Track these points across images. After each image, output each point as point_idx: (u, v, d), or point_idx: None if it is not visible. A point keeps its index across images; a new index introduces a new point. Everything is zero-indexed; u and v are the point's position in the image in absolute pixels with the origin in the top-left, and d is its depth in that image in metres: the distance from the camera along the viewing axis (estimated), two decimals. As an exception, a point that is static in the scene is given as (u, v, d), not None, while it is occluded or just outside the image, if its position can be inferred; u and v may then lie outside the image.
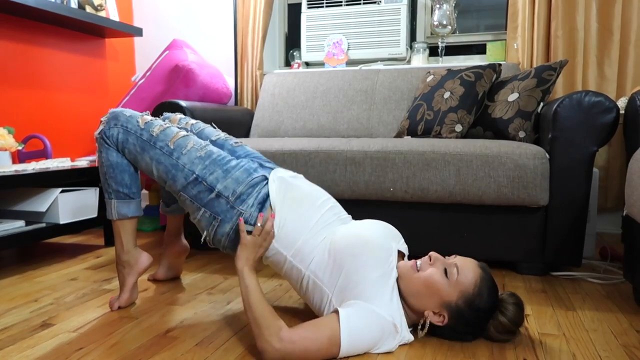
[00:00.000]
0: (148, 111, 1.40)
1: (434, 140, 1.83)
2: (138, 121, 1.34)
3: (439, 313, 1.16)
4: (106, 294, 1.57)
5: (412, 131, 2.17)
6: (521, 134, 1.90)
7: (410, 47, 2.77)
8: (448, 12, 2.60)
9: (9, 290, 1.62)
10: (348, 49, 2.80)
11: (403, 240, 1.31)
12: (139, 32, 2.88)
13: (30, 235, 1.86)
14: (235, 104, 2.88)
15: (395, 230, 1.31)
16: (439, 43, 2.67)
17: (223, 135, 1.49)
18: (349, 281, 1.13)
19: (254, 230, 1.21)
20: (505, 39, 2.54)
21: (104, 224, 2.24)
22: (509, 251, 1.78)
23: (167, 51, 2.54)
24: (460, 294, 1.13)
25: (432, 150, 1.77)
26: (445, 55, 2.70)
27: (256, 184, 1.29)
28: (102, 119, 1.37)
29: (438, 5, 2.61)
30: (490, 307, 1.16)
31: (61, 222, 1.97)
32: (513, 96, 1.96)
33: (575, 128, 1.67)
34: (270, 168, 1.37)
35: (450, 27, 2.62)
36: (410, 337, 1.17)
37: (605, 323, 1.34)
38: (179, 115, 1.56)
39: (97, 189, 2.15)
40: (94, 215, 2.14)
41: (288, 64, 3.12)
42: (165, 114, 1.58)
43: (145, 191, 2.82)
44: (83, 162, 2.27)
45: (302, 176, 1.40)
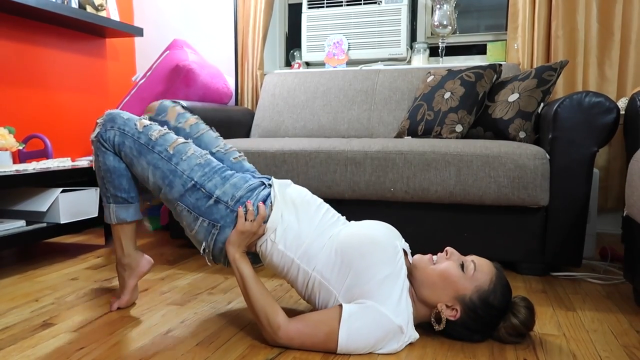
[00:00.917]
0: (146, 115, 1.39)
1: (435, 141, 1.83)
2: (136, 124, 1.30)
3: (452, 307, 1.16)
4: (107, 294, 1.57)
5: (413, 131, 2.17)
6: (521, 135, 1.90)
7: (411, 48, 2.77)
8: (448, 13, 2.60)
9: (9, 290, 1.62)
10: (348, 49, 2.81)
11: (403, 240, 1.31)
12: (139, 32, 2.88)
13: (30, 235, 1.86)
14: (236, 104, 2.88)
15: (395, 229, 1.32)
16: (440, 43, 2.67)
17: (223, 147, 1.43)
18: (358, 280, 1.13)
19: (247, 215, 1.22)
20: (506, 40, 2.54)
21: (104, 224, 2.24)
22: (509, 251, 1.78)
23: (168, 51, 2.54)
24: (475, 289, 1.14)
25: (433, 151, 1.77)
26: (445, 55, 2.70)
27: (254, 188, 1.29)
28: (98, 120, 1.33)
29: (438, 6, 2.61)
30: (503, 307, 1.16)
31: (62, 222, 1.97)
32: (513, 96, 1.96)
33: (576, 128, 1.67)
34: (268, 178, 1.37)
35: (450, 28, 2.62)
36: (416, 335, 1.17)
37: (606, 323, 1.34)
38: (178, 108, 1.45)
39: (98, 189, 2.15)
40: (95, 215, 2.14)
41: (288, 64, 3.12)
42: (164, 102, 1.47)
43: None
44: (83, 162, 2.27)
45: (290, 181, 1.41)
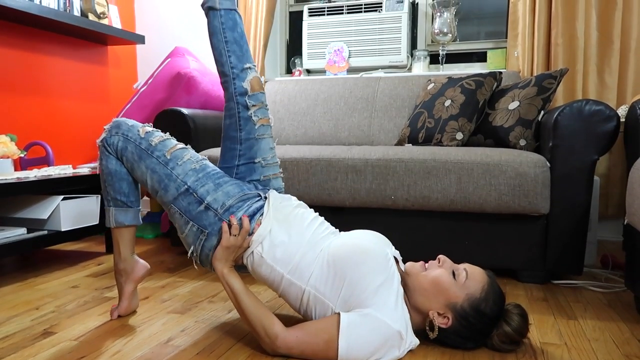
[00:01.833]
0: (150, 123, 1.40)
1: (435, 148, 1.83)
2: (139, 130, 1.35)
3: (443, 314, 1.16)
4: (107, 302, 1.57)
5: (413, 139, 2.17)
6: (522, 142, 1.91)
7: (411, 55, 2.78)
8: (449, 20, 2.61)
9: (10, 298, 1.62)
10: (349, 57, 2.82)
11: (394, 247, 1.32)
12: (141, 40, 2.90)
13: (31, 243, 1.86)
14: (237, 111, 2.88)
15: (385, 238, 1.32)
16: (440, 51, 2.68)
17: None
18: (353, 290, 1.13)
19: (232, 229, 1.22)
20: (506, 47, 2.55)
21: (105, 231, 2.24)
22: (510, 259, 1.78)
23: (169, 59, 2.55)
24: (467, 297, 1.14)
25: (433, 159, 1.77)
26: (446, 63, 2.71)
27: (248, 198, 1.29)
28: (105, 127, 1.38)
29: (439, 13, 2.62)
30: (495, 315, 1.17)
31: (62, 230, 1.98)
32: (514, 104, 1.97)
33: (576, 136, 1.67)
34: (267, 189, 1.37)
35: (450, 35, 2.63)
36: (416, 341, 1.17)
37: (607, 332, 1.34)
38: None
39: (99, 196, 2.15)
40: (96, 222, 2.14)
41: (289, 71, 3.13)
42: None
43: (147, 198, 2.82)
44: (85, 170, 2.27)
45: (292, 196, 1.41)
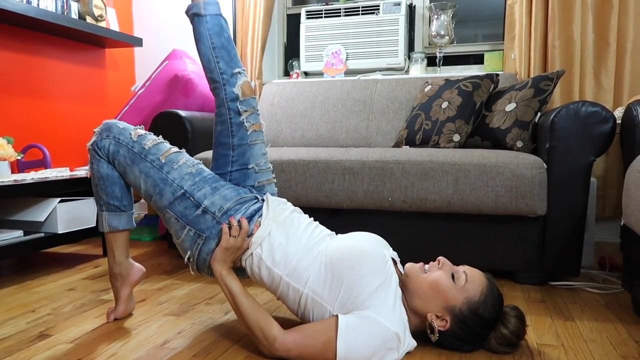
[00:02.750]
0: (142, 125, 1.40)
1: (432, 150, 1.84)
2: (131, 134, 1.33)
3: (441, 317, 1.16)
4: (104, 304, 1.56)
5: (410, 141, 2.18)
6: (519, 144, 1.91)
7: (409, 57, 2.78)
8: (446, 23, 2.62)
9: (6, 301, 1.61)
10: (347, 59, 2.82)
11: (391, 249, 1.32)
12: (138, 42, 2.90)
13: (28, 245, 1.85)
14: (235, 113, 2.88)
15: (382, 239, 1.32)
16: (437, 53, 2.69)
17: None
18: (351, 292, 1.13)
19: (232, 230, 1.22)
20: (503, 49, 2.56)
21: (102, 234, 2.23)
22: (508, 261, 1.78)
23: (167, 61, 2.55)
24: (465, 300, 1.14)
25: (430, 160, 1.77)
26: (443, 65, 2.72)
27: (245, 201, 1.29)
28: (95, 130, 1.36)
29: (436, 16, 2.63)
30: (493, 318, 1.16)
31: (59, 232, 1.97)
32: (510, 106, 1.97)
33: (573, 138, 1.68)
34: (263, 193, 1.37)
35: (448, 37, 2.63)
36: (414, 343, 1.17)
37: (604, 333, 1.34)
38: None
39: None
40: (92, 224, 2.14)
41: (287, 73, 3.13)
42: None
43: (144, 201, 2.82)
44: (82, 172, 2.27)
45: (287, 201, 1.41)
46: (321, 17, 2.87)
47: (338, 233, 1.36)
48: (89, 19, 2.60)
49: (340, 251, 1.19)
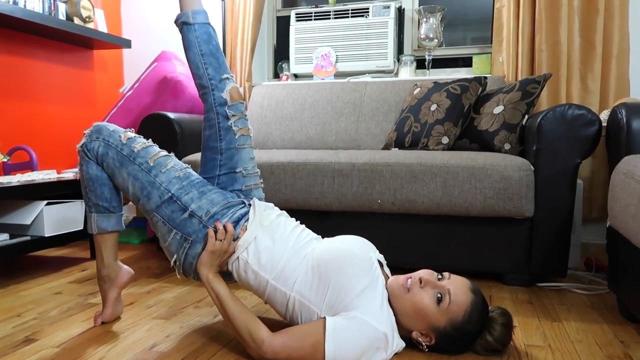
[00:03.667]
0: (132, 128, 1.39)
1: (421, 152, 1.84)
2: (120, 136, 1.33)
3: (426, 334, 1.17)
4: (91, 308, 1.55)
5: (400, 143, 2.19)
6: (506, 146, 1.92)
7: (398, 60, 2.80)
8: (435, 26, 2.64)
9: (-9, 305, 1.59)
10: (336, 62, 2.83)
11: (378, 251, 1.32)
12: (127, 44, 2.88)
13: (14, 249, 1.83)
14: (224, 115, 2.87)
15: (369, 242, 1.32)
16: (426, 56, 2.70)
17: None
18: (338, 294, 1.13)
19: (217, 234, 1.22)
20: (491, 52, 2.58)
21: (89, 237, 2.21)
22: (496, 262, 1.79)
23: (156, 63, 2.54)
24: (449, 321, 1.13)
25: (419, 163, 1.78)
26: (432, 67, 2.73)
27: (232, 206, 1.29)
28: (85, 132, 1.36)
29: (425, 19, 2.64)
30: (478, 330, 1.17)
31: (46, 235, 1.95)
32: (498, 109, 1.99)
33: (559, 140, 1.69)
34: (250, 198, 1.37)
35: (437, 40, 2.65)
36: (402, 344, 1.17)
37: (590, 334, 1.35)
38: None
39: (83, 202, 2.13)
40: (80, 227, 2.12)
41: (277, 75, 3.13)
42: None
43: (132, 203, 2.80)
44: (69, 174, 2.25)
45: (274, 205, 1.41)
46: (311, 20, 2.88)
47: (327, 235, 1.36)
48: (76, 20, 2.57)
49: (326, 254, 1.20)
